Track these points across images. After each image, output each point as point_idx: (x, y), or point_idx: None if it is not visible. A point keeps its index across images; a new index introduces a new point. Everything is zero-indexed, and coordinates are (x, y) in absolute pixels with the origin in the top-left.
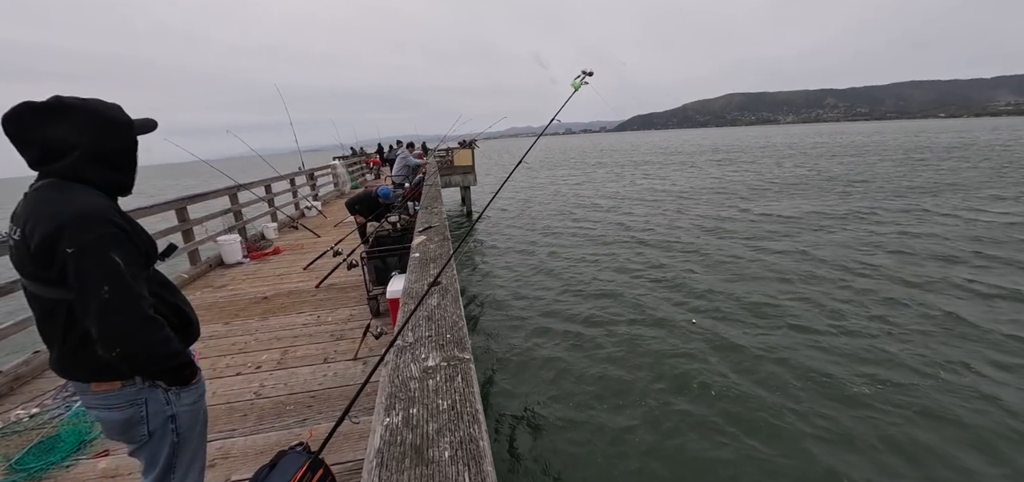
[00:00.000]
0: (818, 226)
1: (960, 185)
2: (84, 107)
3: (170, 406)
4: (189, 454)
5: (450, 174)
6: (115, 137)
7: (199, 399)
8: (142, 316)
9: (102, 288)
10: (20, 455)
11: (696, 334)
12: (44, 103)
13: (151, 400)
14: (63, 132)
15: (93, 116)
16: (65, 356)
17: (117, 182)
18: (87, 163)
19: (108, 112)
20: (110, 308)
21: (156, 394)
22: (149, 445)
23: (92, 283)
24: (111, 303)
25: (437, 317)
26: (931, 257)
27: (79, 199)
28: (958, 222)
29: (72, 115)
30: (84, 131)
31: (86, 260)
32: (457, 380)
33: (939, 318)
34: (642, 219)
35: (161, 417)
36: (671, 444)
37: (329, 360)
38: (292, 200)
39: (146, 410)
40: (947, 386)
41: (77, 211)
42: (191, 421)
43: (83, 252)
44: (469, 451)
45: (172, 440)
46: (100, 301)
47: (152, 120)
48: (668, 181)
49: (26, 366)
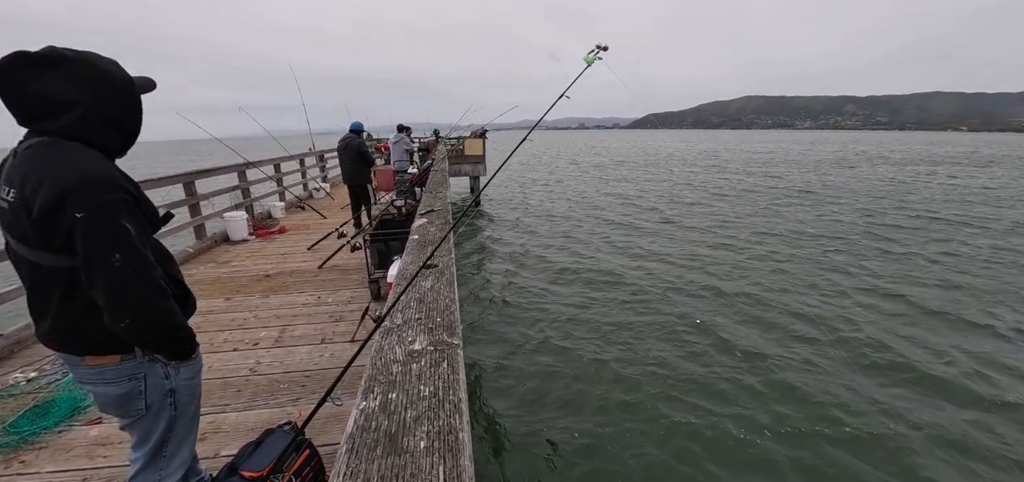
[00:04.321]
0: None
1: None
2: (81, 59)
3: (169, 380)
4: (183, 429)
5: (460, 163)
6: (118, 95)
7: (197, 374)
8: (154, 285)
9: (113, 256)
10: (15, 418)
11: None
12: (39, 53)
13: (150, 375)
14: (60, 86)
15: (92, 70)
16: (61, 328)
17: (120, 145)
18: (91, 122)
19: (108, 67)
20: (122, 277)
21: (155, 369)
22: (145, 420)
23: (103, 251)
24: (123, 272)
25: (429, 300)
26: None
27: (83, 161)
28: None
29: (68, 67)
30: (83, 87)
31: (96, 226)
32: (442, 366)
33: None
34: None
35: (160, 392)
36: (671, 451)
37: (326, 341)
38: (301, 181)
39: (145, 385)
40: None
41: (84, 174)
42: (189, 396)
43: (93, 218)
44: (447, 442)
45: (169, 415)
46: (111, 270)
47: (151, 79)
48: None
49: (28, 330)
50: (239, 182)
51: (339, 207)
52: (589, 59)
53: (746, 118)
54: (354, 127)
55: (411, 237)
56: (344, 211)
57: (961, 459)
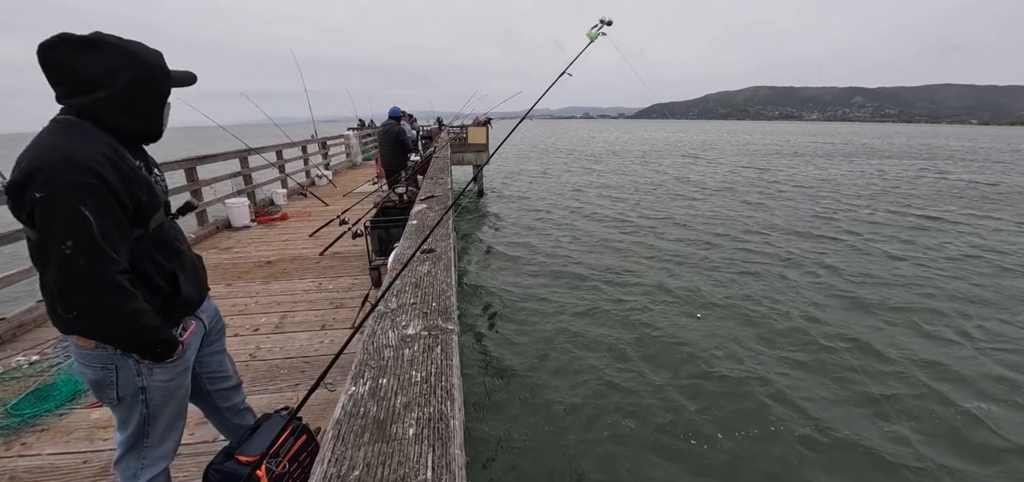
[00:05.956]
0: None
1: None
2: (122, 47)
3: (141, 378)
4: (163, 425)
5: (463, 151)
6: (148, 85)
7: (176, 377)
8: (105, 281)
9: (64, 242)
10: (16, 401)
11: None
12: (81, 36)
13: (122, 368)
14: (93, 67)
15: (130, 58)
16: (48, 306)
17: (138, 130)
18: (112, 104)
19: (147, 56)
20: (70, 265)
21: (128, 363)
22: (119, 408)
23: (54, 234)
24: (72, 260)
25: (425, 285)
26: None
27: (72, 142)
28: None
29: (107, 52)
30: (115, 70)
31: (52, 207)
32: (436, 351)
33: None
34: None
35: (131, 387)
36: (662, 449)
37: (326, 327)
38: (303, 168)
39: (116, 376)
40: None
41: (60, 155)
42: (164, 398)
43: (51, 198)
44: (436, 430)
45: (142, 411)
46: (61, 257)
47: (192, 73)
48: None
49: (29, 314)
50: (241, 168)
51: (341, 194)
52: (592, 34)
53: (753, 109)
54: (393, 113)
55: (409, 222)
56: (346, 198)
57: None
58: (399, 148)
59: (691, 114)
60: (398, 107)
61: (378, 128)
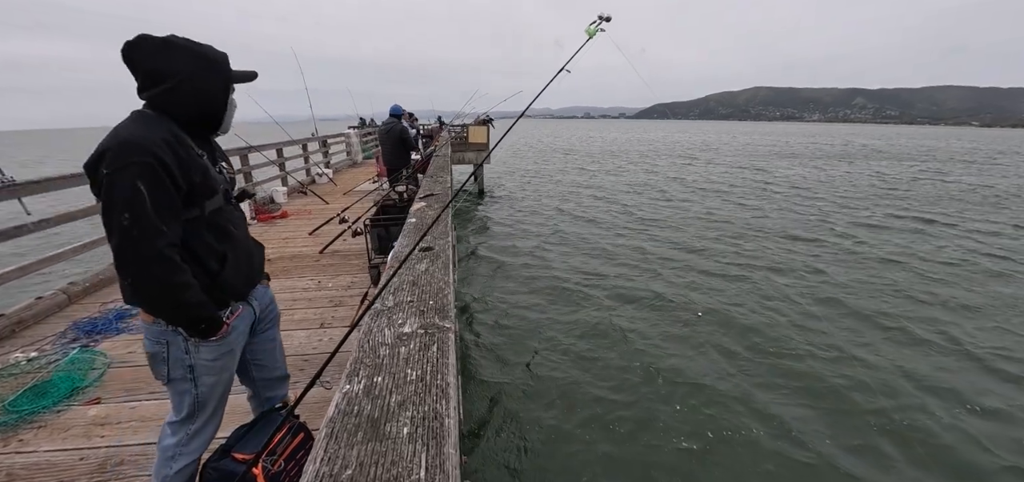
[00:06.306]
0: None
1: None
2: (189, 47)
3: (189, 356)
4: (211, 408)
5: (463, 151)
6: (206, 80)
7: (221, 357)
8: (154, 251)
9: (123, 214)
10: (14, 397)
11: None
12: (158, 38)
13: (172, 344)
14: (164, 65)
15: (194, 57)
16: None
17: (199, 120)
18: (176, 96)
19: (212, 56)
20: (126, 236)
21: (177, 339)
22: (172, 388)
23: (115, 206)
24: (128, 231)
25: (423, 282)
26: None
27: (138, 128)
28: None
29: (176, 52)
30: (182, 67)
31: (114, 183)
32: (432, 350)
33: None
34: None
35: (180, 365)
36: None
37: (325, 325)
38: (304, 166)
39: (168, 352)
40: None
41: (125, 138)
42: (210, 379)
43: (113, 175)
44: (431, 429)
45: (191, 391)
46: (119, 226)
47: (253, 71)
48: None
49: (29, 311)
50: (241, 166)
51: (342, 193)
52: (590, 30)
53: (754, 110)
54: (394, 111)
55: (408, 220)
56: (346, 197)
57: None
58: (401, 147)
59: (692, 114)
60: (399, 105)
61: (379, 126)
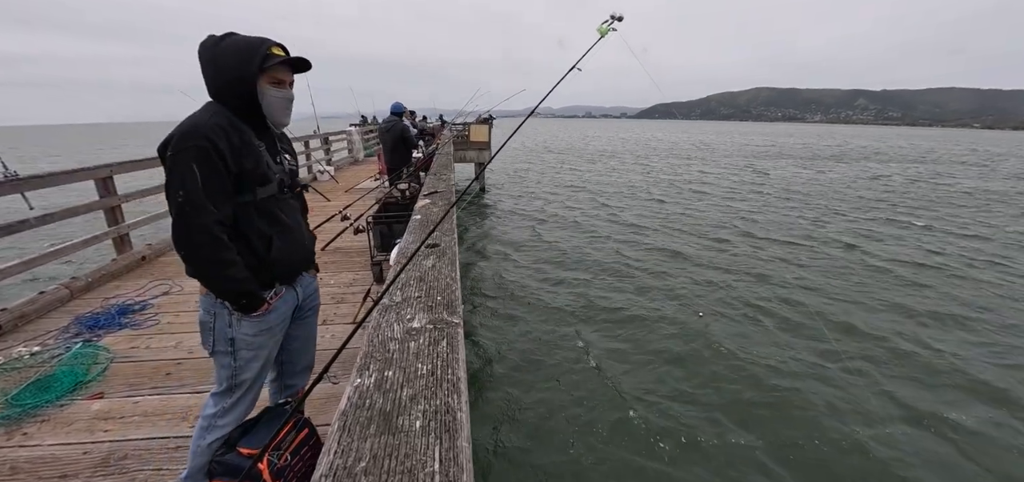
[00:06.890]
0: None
1: None
2: (238, 42)
3: (231, 329)
4: (246, 385)
5: (465, 149)
6: (235, 70)
7: (261, 334)
8: (202, 228)
9: (178, 192)
10: (17, 391)
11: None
12: (215, 36)
13: (218, 315)
14: (217, 59)
15: (237, 51)
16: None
17: (246, 110)
18: (221, 87)
19: (241, 45)
20: (181, 212)
21: (223, 313)
22: (216, 360)
23: (174, 184)
24: (183, 207)
25: (430, 278)
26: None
27: (199, 116)
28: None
29: (227, 47)
30: (227, 63)
31: (174, 164)
32: (441, 345)
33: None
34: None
35: (223, 337)
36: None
37: (328, 322)
38: (305, 163)
39: (214, 322)
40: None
41: (188, 125)
42: (250, 352)
43: (174, 157)
44: (444, 422)
45: (231, 364)
46: (176, 202)
47: (306, 60)
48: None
49: (32, 305)
50: None
51: (343, 190)
52: (603, 29)
53: (755, 110)
54: (395, 109)
55: (413, 217)
56: (348, 194)
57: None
58: (402, 145)
59: (693, 115)
60: (401, 103)
61: (380, 124)
